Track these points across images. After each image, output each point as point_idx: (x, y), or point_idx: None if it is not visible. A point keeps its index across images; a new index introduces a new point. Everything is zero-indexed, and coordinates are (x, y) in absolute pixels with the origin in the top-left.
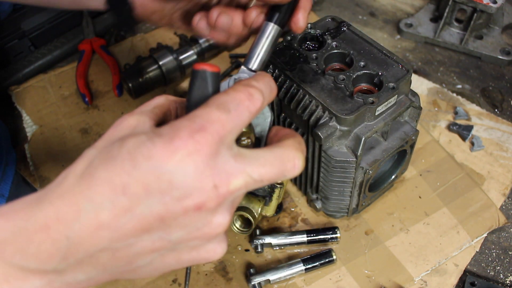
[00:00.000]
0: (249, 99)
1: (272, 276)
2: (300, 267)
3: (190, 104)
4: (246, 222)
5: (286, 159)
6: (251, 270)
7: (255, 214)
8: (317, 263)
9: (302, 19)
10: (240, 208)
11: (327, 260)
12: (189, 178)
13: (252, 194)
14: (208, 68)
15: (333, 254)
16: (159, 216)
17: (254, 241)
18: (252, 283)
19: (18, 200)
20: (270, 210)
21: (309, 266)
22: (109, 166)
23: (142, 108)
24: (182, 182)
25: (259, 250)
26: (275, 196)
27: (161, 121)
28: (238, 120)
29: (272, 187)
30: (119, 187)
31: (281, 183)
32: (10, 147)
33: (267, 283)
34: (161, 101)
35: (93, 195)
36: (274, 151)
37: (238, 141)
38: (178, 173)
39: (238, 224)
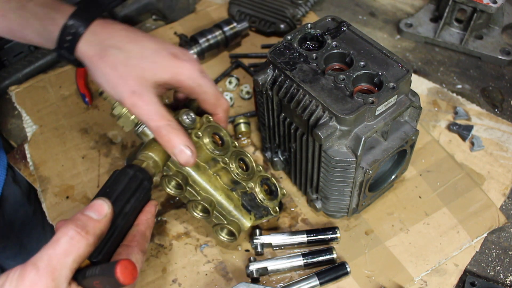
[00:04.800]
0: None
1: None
2: (315, 281)
3: None
4: (230, 233)
5: None
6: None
7: (242, 229)
8: (333, 276)
9: None
10: (230, 222)
11: (340, 273)
12: None
13: (246, 209)
14: None
15: (347, 266)
16: None
17: (254, 241)
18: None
19: None
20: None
21: (323, 280)
22: None
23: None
24: None
25: (259, 250)
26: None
27: None
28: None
29: (267, 214)
30: None
31: (276, 212)
32: (2, 151)
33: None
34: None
35: None
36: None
37: (237, 140)
38: None
39: (224, 232)
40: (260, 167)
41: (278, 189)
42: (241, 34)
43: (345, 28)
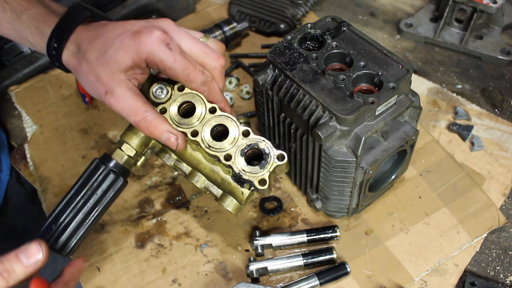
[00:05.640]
0: None
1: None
2: (315, 281)
3: None
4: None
5: None
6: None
7: (244, 195)
8: (333, 276)
9: None
10: (230, 190)
11: (340, 273)
12: None
13: (238, 182)
14: None
15: (347, 266)
16: None
17: (254, 242)
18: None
19: None
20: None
21: (323, 280)
22: None
23: None
24: None
25: (260, 251)
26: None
27: None
28: None
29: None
30: None
31: (263, 182)
32: (6, 153)
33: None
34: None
35: None
36: None
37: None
38: None
39: (228, 201)
40: (250, 130)
41: (271, 150)
42: (241, 34)
43: (345, 28)
